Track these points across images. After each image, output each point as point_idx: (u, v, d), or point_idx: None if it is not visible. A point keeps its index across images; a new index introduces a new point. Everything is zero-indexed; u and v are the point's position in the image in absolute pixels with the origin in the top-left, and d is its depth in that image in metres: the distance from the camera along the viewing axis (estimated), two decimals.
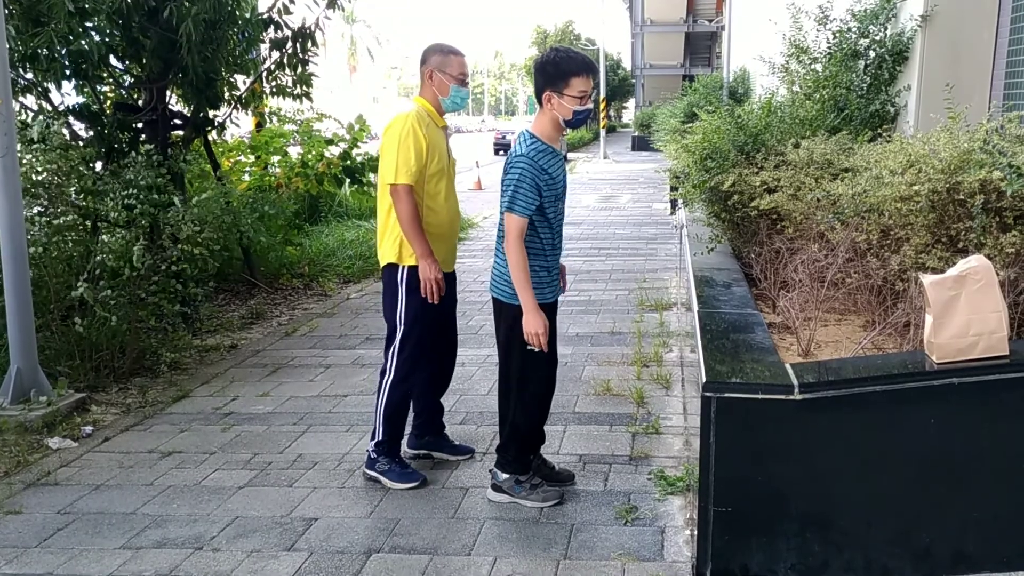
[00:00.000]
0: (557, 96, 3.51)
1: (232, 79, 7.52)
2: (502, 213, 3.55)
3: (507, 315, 3.66)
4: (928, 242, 3.60)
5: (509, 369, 3.72)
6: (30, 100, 6.73)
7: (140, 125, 6.97)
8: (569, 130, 3.68)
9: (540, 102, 3.59)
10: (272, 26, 7.42)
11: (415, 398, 4.20)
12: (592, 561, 3.28)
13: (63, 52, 6.18)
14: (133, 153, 6.56)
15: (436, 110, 3.98)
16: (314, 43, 7.64)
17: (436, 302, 3.88)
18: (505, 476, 3.79)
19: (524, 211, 3.48)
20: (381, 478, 4.00)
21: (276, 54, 7.55)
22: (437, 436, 4.32)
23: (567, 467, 4.06)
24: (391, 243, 3.93)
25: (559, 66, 3.50)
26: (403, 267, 3.90)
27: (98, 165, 6.60)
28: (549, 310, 3.66)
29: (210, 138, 7.84)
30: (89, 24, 6.34)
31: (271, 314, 7.62)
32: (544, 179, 3.50)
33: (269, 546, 3.48)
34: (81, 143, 6.54)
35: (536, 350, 3.56)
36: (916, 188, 3.53)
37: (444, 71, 3.94)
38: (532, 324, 3.50)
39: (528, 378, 3.69)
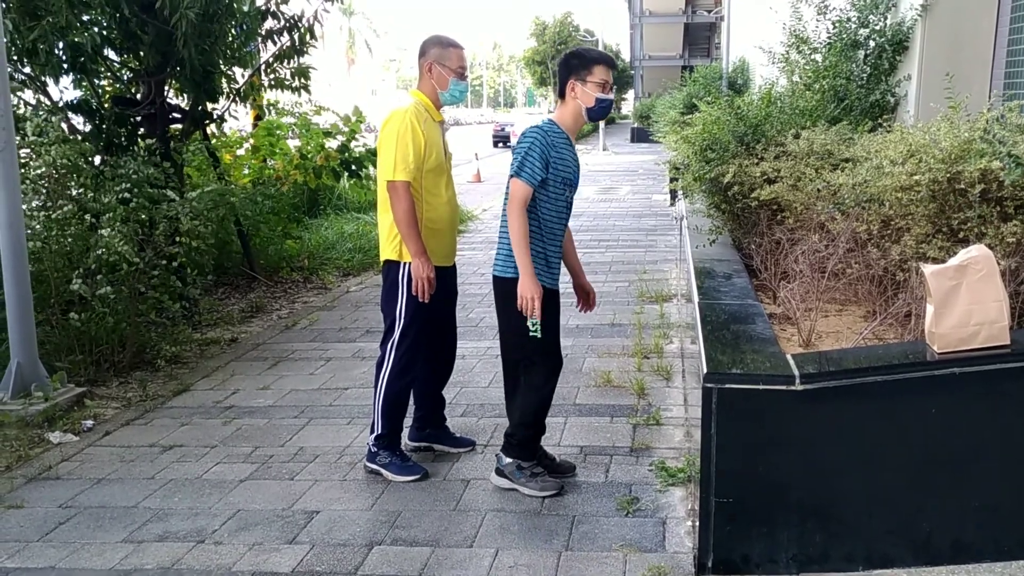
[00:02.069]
0: (580, 84, 3.64)
1: (230, 72, 7.50)
2: (509, 179, 3.59)
3: (498, 289, 3.71)
4: (929, 232, 3.59)
5: (509, 350, 3.76)
6: (28, 95, 6.71)
7: (139, 119, 6.95)
8: (590, 122, 3.76)
9: (563, 96, 3.71)
10: (271, 18, 7.39)
11: (416, 391, 4.20)
12: (594, 552, 3.29)
13: (60, 46, 6.16)
14: (133, 148, 6.55)
15: (434, 103, 3.96)
16: (312, 36, 7.63)
17: (426, 300, 3.87)
18: (508, 460, 3.80)
19: (529, 179, 3.53)
20: (382, 471, 4.01)
21: (273, 46, 7.52)
22: (438, 429, 4.32)
23: (568, 459, 4.06)
24: (391, 239, 3.92)
25: (583, 56, 3.71)
26: (404, 264, 3.89)
27: (96, 159, 6.59)
28: (548, 297, 3.66)
29: (209, 131, 7.82)
30: (86, 17, 6.32)
31: (271, 307, 7.62)
32: (553, 156, 3.59)
33: (271, 539, 3.48)
34: (80, 137, 6.52)
35: (532, 329, 3.55)
36: (917, 178, 3.53)
37: (443, 64, 3.92)
38: (527, 288, 3.50)
39: (530, 357, 3.69)
